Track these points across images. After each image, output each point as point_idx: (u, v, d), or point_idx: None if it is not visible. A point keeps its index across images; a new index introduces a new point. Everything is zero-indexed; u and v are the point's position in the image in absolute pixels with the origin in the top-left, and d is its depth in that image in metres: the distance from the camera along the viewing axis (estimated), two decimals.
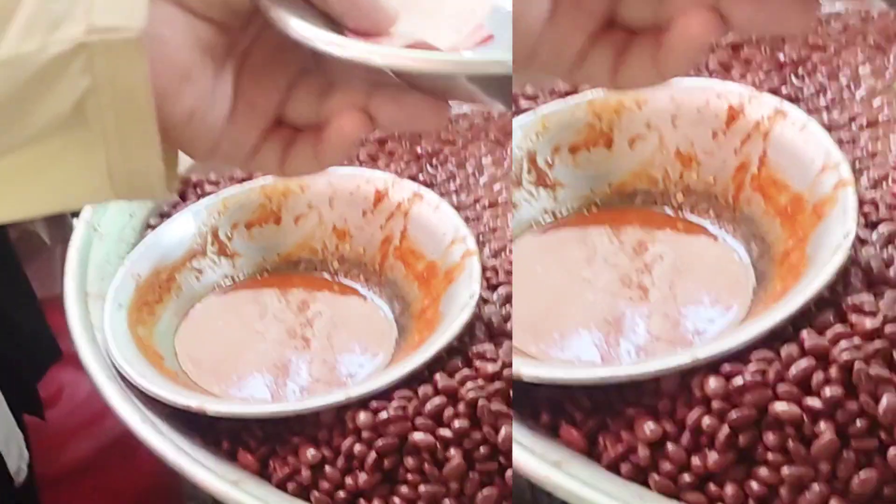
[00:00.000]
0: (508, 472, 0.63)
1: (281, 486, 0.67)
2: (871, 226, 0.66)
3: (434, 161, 0.85)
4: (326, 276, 0.80)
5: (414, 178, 0.83)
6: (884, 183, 0.70)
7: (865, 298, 0.61)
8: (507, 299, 0.72)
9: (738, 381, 0.59)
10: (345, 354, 0.73)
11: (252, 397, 0.72)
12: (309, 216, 0.81)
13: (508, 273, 0.74)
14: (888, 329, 0.59)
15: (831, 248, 0.63)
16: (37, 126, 0.47)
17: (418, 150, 0.87)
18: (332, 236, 0.80)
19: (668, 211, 0.73)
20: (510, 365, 0.66)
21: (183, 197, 0.87)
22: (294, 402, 0.69)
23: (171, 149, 0.50)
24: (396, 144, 0.89)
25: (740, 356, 0.60)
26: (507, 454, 0.63)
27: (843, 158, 0.66)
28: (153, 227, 0.83)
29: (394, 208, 0.78)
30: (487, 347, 0.68)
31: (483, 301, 0.70)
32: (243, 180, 0.86)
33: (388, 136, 0.90)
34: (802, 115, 0.70)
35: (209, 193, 0.85)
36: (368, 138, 0.91)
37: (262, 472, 0.68)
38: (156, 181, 0.49)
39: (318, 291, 0.79)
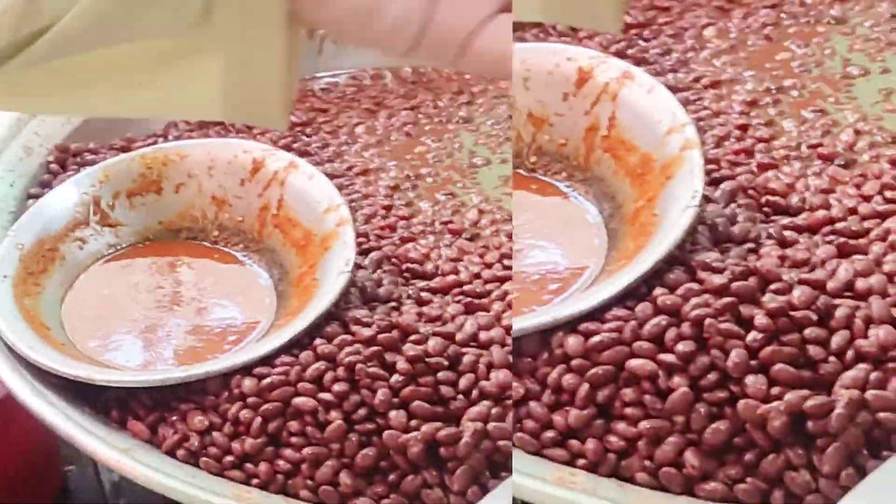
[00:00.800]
0: (386, 433, 0.62)
1: (170, 452, 0.65)
2: (715, 183, 0.66)
3: (308, 130, 0.84)
4: (207, 244, 0.78)
5: (289, 147, 0.81)
6: (726, 141, 0.70)
7: (713, 256, 0.61)
8: (379, 264, 0.71)
9: (596, 339, 0.58)
10: (226, 321, 0.72)
11: (138, 366, 0.70)
12: (189, 185, 0.79)
13: (379, 238, 0.73)
14: (735, 285, 0.59)
15: (680, 207, 0.63)
16: (163, 19, 0.42)
17: (293, 118, 0.86)
18: (211, 205, 0.78)
19: (523, 172, 0.73)
20: (385, 329, 0.65)
21: (63, 166, 0.84)
22: (181, 370, 0.67)
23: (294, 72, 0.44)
24: None
25: (597, 315, 0.60)
26: (384, 415, 0.62)
27: (689, 120, 0.66)
28: (35, 198, 0.80)
29: (270, 177, 0.76)
30: (362, 312, 0.67)
31: (357, 266, 0.69)
32: (123, 149, 0.84)
33: None
34: (649, 78, 0.70)
35: (90, 163, 0.82)
36: None
37: (152, 440, 0.66)
38: (271, 102, 0.44)
39: (199, 259, 0.77)
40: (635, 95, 0.69)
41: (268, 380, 0.64)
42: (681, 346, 0.57)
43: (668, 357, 0.57)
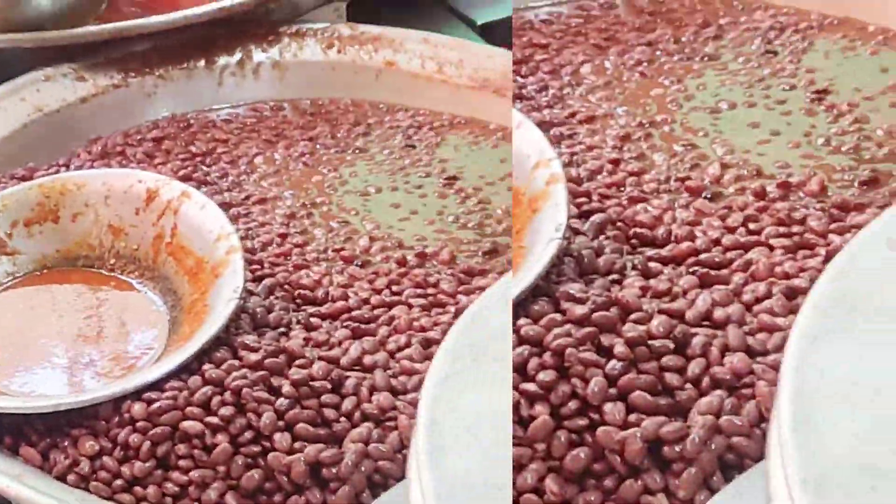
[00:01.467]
0: (271, 455, 0.62)
1: (61, 477, 0.65)
2: (585, 216, 0.67)
3: (208, 160, 0.84)
4: (104, 272, 0.78)
5: (189, 176, 0.82)
6: (599, 175, 0.71)
7: (576, 287, 0.62)
8: (271, 291, 0.72)
9: None
10: (121, 346, 0.72)
11: (34, 392, 0.70)
12: (86, 214, 0.79)
13: (273, 265, 0.74)
14: (596, 315, 0.59)
15: (545, 240, 0.63)
16: None
17: (192, 148, 0.86)
18: (108, 233, 0.78)
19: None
20: (272, 354, 0.66)
21: None
22: (73, 396, 0.67)
23: None
24: (172, 143, 0.88)
25: None
26: (269, 438, 0.63)
27: (555, 155, 0.67)
28: None
29: (164, 207, 0.76)
30: (251, 338, 0.67)
31: (248, 293, 0.70)
32: (24, 178, 0.84)
33: (164, 135, 0.89)
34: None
35: None
36: (146, 137, 0.89)
37: (44, 465, 0.66)
38: None
39: (95, 287, 0.77)
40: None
41: (157, 404, 0.64)
42: (542, 375, 0.57)
43: (530, 386, 0.57)
